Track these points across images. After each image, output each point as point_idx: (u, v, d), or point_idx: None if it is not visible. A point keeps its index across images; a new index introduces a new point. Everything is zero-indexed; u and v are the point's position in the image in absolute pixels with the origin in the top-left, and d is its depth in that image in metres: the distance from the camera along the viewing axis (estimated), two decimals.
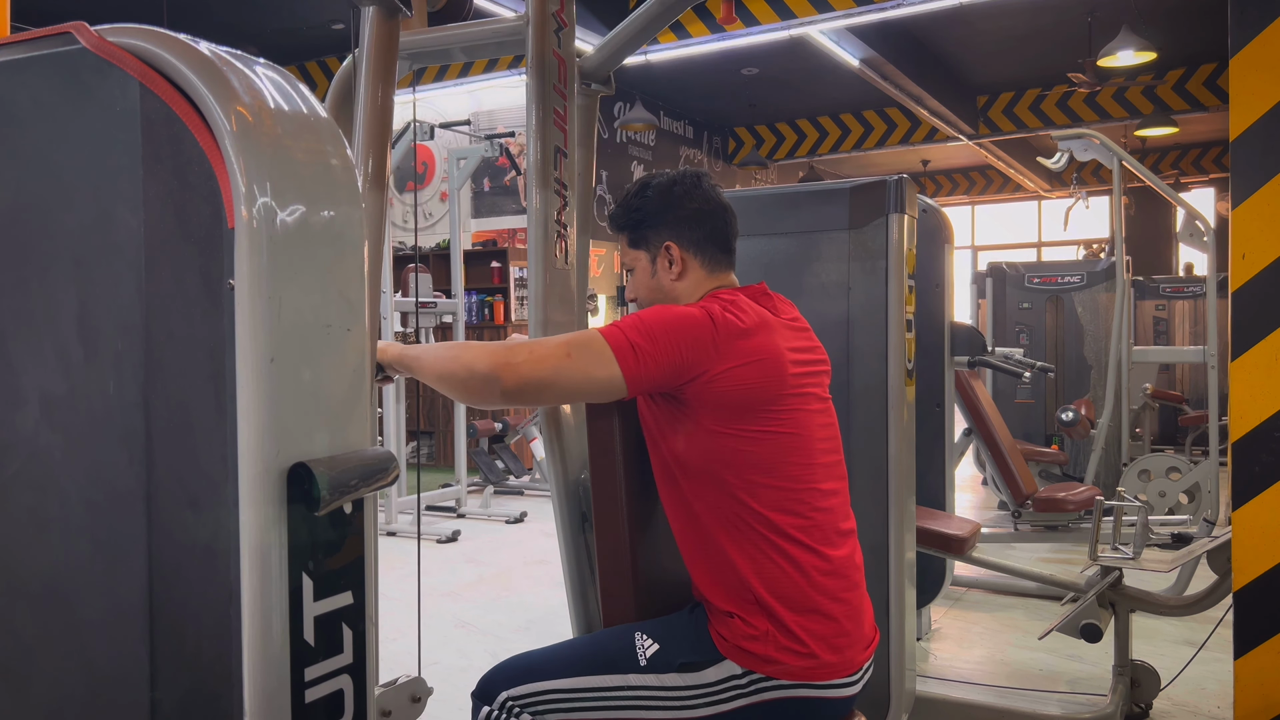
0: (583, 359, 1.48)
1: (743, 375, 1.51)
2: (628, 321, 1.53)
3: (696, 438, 1.54)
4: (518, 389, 1.46)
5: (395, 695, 1.23)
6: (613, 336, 1.49)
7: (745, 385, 1.51)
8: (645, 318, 1.53)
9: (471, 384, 1.48)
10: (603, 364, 1.47)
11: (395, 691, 1.23)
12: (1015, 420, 6.27)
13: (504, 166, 8.41)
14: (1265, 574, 2.31)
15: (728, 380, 1.50)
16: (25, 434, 1.03)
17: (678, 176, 1.72)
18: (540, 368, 1.46)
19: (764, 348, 1.54)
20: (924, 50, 9.14)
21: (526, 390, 1.47)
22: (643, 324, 1.51)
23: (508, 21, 1.82)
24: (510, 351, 1.47)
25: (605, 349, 1.48)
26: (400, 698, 1.24)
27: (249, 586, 0.90)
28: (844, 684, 1.54)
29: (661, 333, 1.50)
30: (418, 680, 1.26)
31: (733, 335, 1.52)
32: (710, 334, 1.51)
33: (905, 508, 2.46)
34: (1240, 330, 2.33)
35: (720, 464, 1.53)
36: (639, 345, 1.48)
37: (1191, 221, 4.95)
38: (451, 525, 5.79)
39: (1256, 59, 2.28)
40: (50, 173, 1.01)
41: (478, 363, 1.47)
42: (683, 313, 1.54)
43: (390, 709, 1.21)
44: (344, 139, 1.00)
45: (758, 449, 1.53)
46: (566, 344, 1.50)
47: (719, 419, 1.52)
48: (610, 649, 1.59)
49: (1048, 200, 15.42)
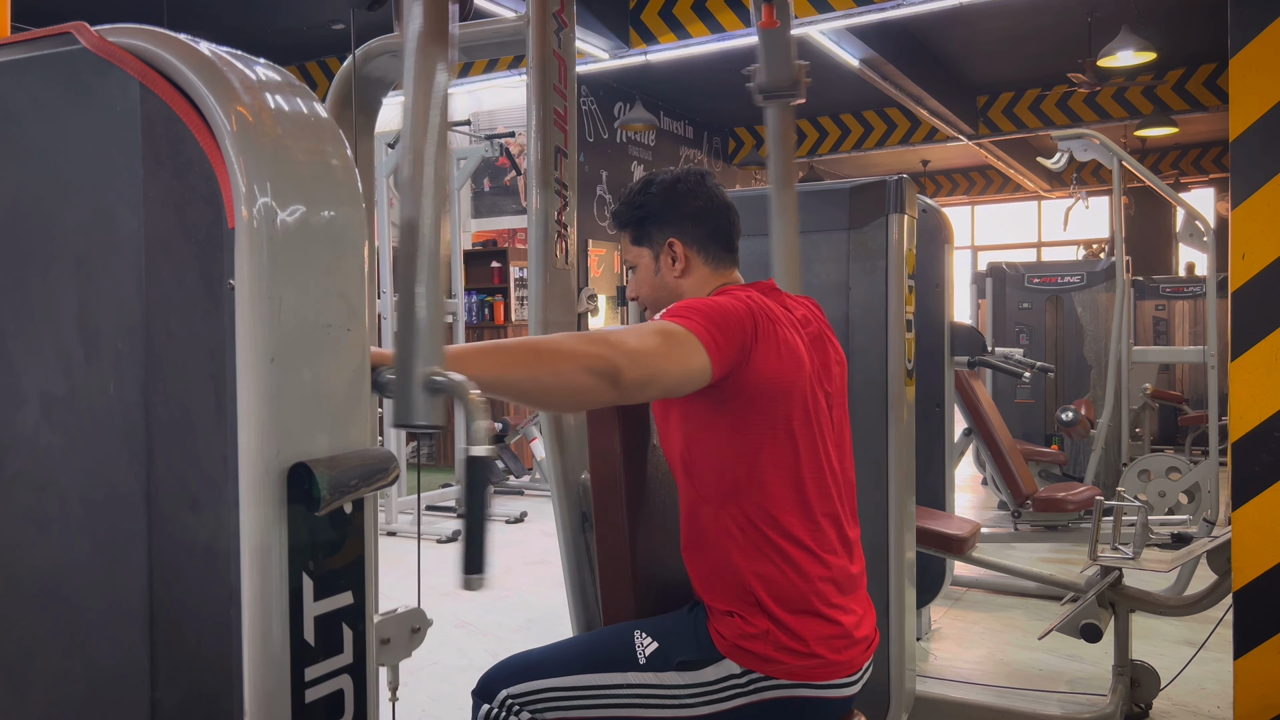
0: (679, 350, 1.41)
1: (773, 363, 1.50)
2: (679, 312, 1.47)
3: (709, 435, 1.53)
4: (639, 383, 1.35)
5: (394, 624, 1.23)
6: (690, 325, 1.43)
7: (773, 374, 1.50)
8: (693, 306, 1.48)
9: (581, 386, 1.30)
10: (696, 353, 1.42)
11: (394, 620, 1.24)
12: (1015, 420, 6.27)
13: (504, 166, 8.41)
14: (1265, 574, 2.31)
15: (761, 367, 1.49)
16: (25, 434, 1.03)
17: (681, 174, 1.72)
18: (652, 362, 1.37)
19: (787, 339, 1.54)
20: (924, 50, 9.14)
21: (647, 384, 1.37)
22: (695, 312, 1.46)
23: (508, 21, 1.82)
24: (607, 344, 1.33)
25: (691, 338, 1.42)
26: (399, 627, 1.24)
27: (249, 586, 0.90)
28: (843, 684, 1.54)
29: (718, 318, 1.46)
30: (417, 611, 1.27)
31: (769, 320, 1.51)
32: (751, 317, 1.49)
33: (905, 508, 2.46)
34: (1240, 330, 2.33)
35: (727, 461, 1.52)
36: (711, 331, 1.44)
37: (1191, 221, 4.95)
38: (451, 525, 5.79)
39: (1256, 59, 2.28)
40: (50, 173, 1.01)
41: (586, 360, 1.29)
42: (717, 300, 1.51)
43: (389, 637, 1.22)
44: (344, 139, 1.00)
45: (766, 446, 1.52)
46: (659, 334, 1.41)
47: (739, 409, 1.50)
48: (610, 647, 1.59)
49: (1048, 200, 15.42)
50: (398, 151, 4.98)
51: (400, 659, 1.25)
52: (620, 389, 1.32)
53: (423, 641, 1.27)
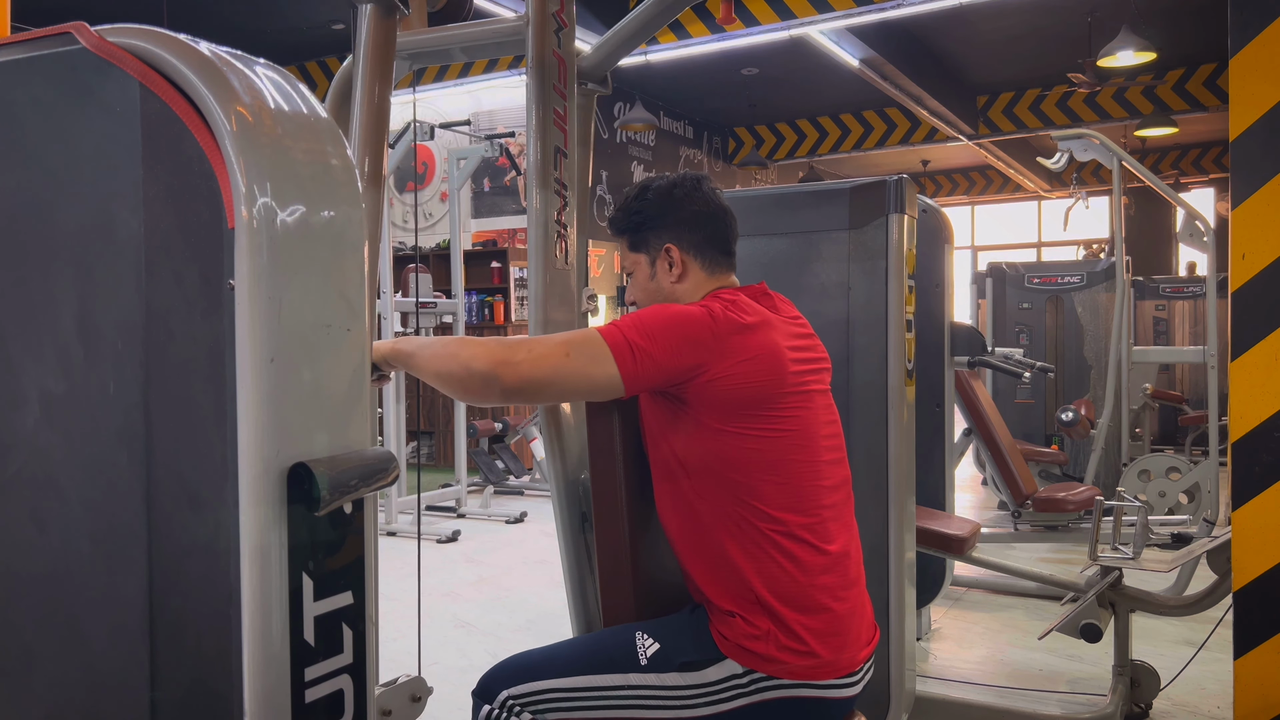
0: (581, 358, 1.48)
1: (744, 373, 1.51)
2: (627, 320, 1.53)
3: (699, 436, 1.53)
4: (517, 388, 1.46)
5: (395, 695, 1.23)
6: (611, 336, 1.49)
7: (746, 383, 1.51)
8: (645, 317, 1.53)
9: (470, 382, 1.47)
10: (600, 364, 1.47)
11: (395, 691, 1.24)
12: (1015, 420, 6.27)
13: (504, 166, 8.41)
14: (1265, 574, 2.31)
15: (729, 379, 1.50)
16: (25, 434, 1.03)
17: (678, 179, 1.72)
18: (539, 367, 1.46)
19: (764, 345, 1.54)
20: (924, 50, 9.14)
21: (526, 389, 1.47)
22: (642, 323, 1.51)
23: (508, 21, 1.82)
24: (509, 350, 1.47)
25: (603, 348, 1.48)
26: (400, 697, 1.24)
27: (249, 586, 0.90)
28: (845, 683, 1.54)
29: (661, 331, 1.50)
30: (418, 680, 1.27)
31: (733, 331, 1.52)
32: (710, 331, 1.51)
33: (905, 508, 2.46)
34: (1240, 330, 2.33)
35: (723, 462, 1.53)
36: (637, 345, 1.48)
37: (1191, 221, 4.95)
38: (451, 525, 5.79)
39: (1256, 59, 2.28)
40: (50, 173, 1.01)
41: (476, 361, 1.46)
42: (682, 311, 1.54)
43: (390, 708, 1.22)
44: (344, 139, 1.00)
45: (761, 446, 1.53)
46: (566, 343, 1.49)
47: (721, 417, 1.52)
48: (611, 648, 1.59)
49: (1048, 200, 15.42)
50: (407, 150, 4.97)
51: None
52: (501, 390, 1.46)
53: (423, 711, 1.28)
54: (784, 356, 1.56)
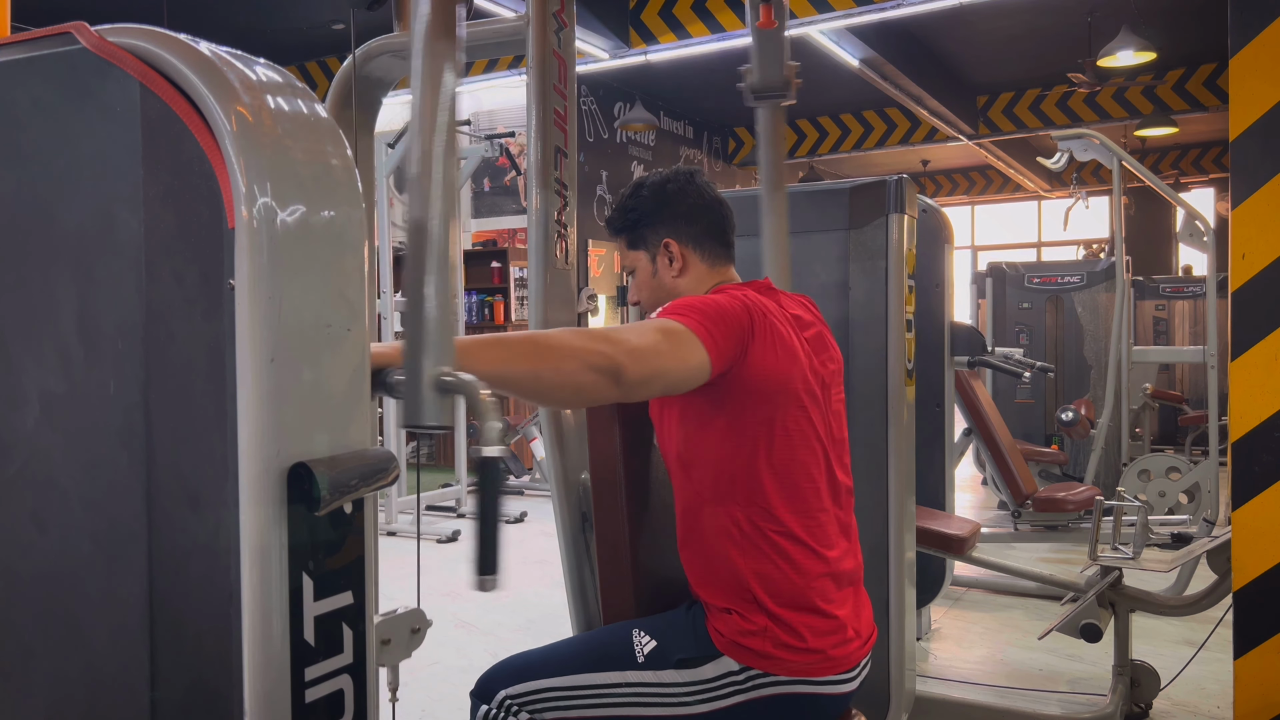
0: (679, 347, 1.41)
1: (769, 362, 1.50)
2: (676, 310, 1.47)
3: (706, 433, 1.53)
4: (642, 380, 1.34)
5: (394, 625, 1.24)
6: (687, 322, 1.43)
7: (775, 368, 1.51)
8: (690, 304, 1.48)
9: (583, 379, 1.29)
10: (695, 350, 1.42)
11: (394, 621, 1.24)
12: (1015, 420, 6.27)
13: (504, 166, 8.41)
14: (1265, 574, 2.31)
15: (758, 364, 1.49)
16: (25, 434, 1.03)
17: (670, 174, 1.72)
18: (652, 358, 1.36)
19: (784, 336, 1.54)
20: (924, 50, 9.14)
21: (646, 382, 1.36)
22: (693, 309, 1.46)
23: (508, 21, 1.82)
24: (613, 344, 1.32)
25: (690, 334, 1.42)
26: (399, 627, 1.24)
27: (249, 586, 0.90)
28: (842, 680, 1.54)
29: (713, 314, 1.46)
30: (417, 611, 1.27)
31: (765, 314, 1.52)
32: (748, 315, 1.50)
33: (905, 508, 2.46)
34: (1240, 330, 2.34)
35: (729, 460, 1.52)
36: (709, 328, 1.44)
37: (1191, 221, 4.96)
38: (451, 525, 5.79)
39: (1256, 59, 2.28)
40: (50, 173, 1.01)
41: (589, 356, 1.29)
42: (713, 299, 1.51)
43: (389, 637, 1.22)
44: (344, 139, 1.00)
45: (768, 442, 1.52)
46: (660, 332, 1.41)
47: (736, 406, 1.51)
48: (608, 646, 1.60)
49: (1048, 200, 15.42)
50: (404, 150, 4.96)
51: (400, 659, 1.25)
52: (622, 386, 1.32)
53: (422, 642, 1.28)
54: (799, 352, 1.56)
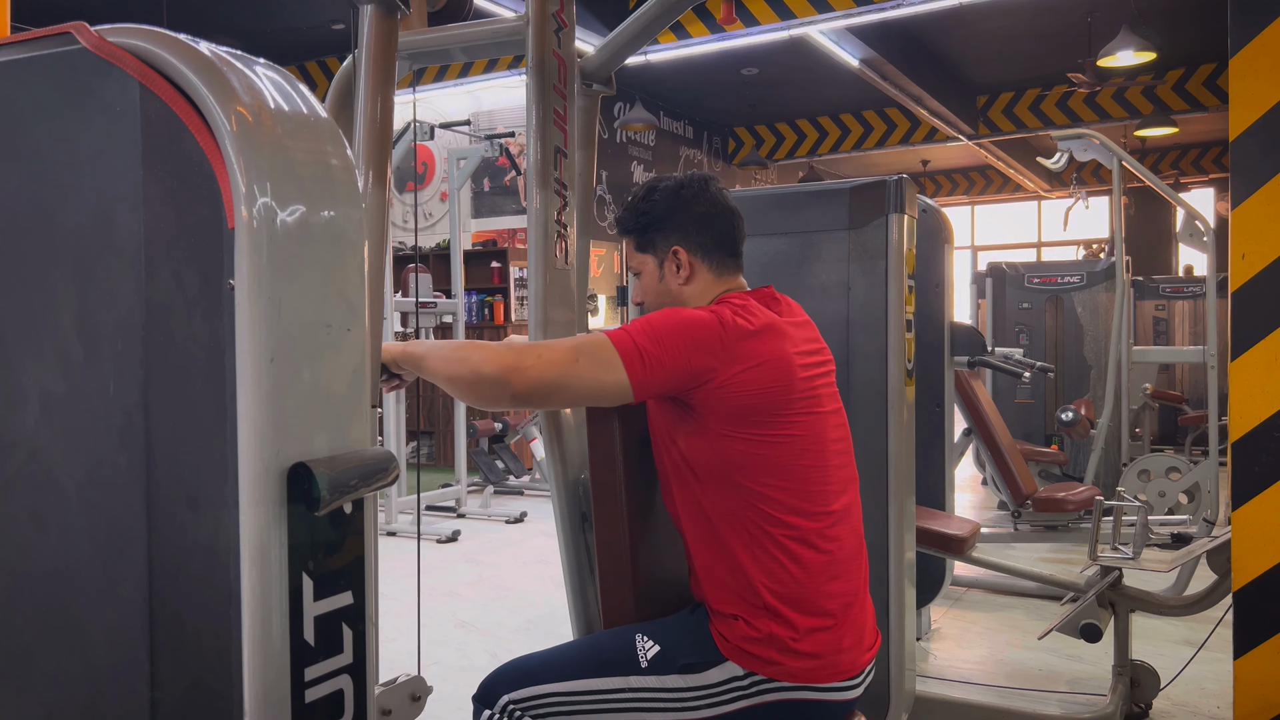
0: (590, 364, 1.47)
1: (751, 380, 1.50)
2: (636, 325, 1.51)
3: (708, 441, 1.53)
4: (526, 392, 1.46)
5: (395, 694, 1.23)
6: (620, 341, 1.48)
7: (754, 390, 1.50)
8: (654, 321, 1.52)
9: (480, 386, 1.46)
10: (610, 369, 1.46)
11: (395, 690, 1.24)
12: (1015, 420, 6.27)
13: (504, 166, 8.41)
14: (1265, 574, 2.31)
15: (737, 385, 1.50)
16: (25, 434, 1.03)
17: (685, 180, 1.71)
18: (548, 372, 1.45)
19: (773, 352, 1.53)
20: (924, 50, 9.14)
21: (535, 394, 1.47)
22: (651, 328, 1.50)
23: (508, 21, 1.82)
24: (518, 355, 1.46)
25: (613, 354, 1.47)
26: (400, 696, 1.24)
27: (249, 586, 0.90)
28: (846, 686, 1.54)
29: (670, 337, 1.49)
30: (417, 679, 1.27)
31: (741, 338, 1.51)
32: (719, 337, 1.50)
33: (905, 508, 2.46)
34: (1240, 330, 2.33)
35: (732, 466, 1.52)
36: (646, 350, 1.47)
37: (1191, 221, 4.96)
38: (451, 525, 5.79)
39: (1256, 59, 2.28)
40: (50, 173, 1.01)
41: (485, 365, 1.45)
42: (692, 316, 1.53)
43: (390, 708, 1.22)
44: (344, 139, 1.00)
45: (770, 452, 1.52)
46: (575, 348, 1.48)
47: (729, 423, 1.51)
48: (611, 651, 1.59)
49: (1048, 200, 15.42)
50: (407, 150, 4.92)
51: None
52: (511, 395, 1.45)
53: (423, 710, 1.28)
54: (793, 363, 1.55)
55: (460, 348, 1.51)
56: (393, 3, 1.41)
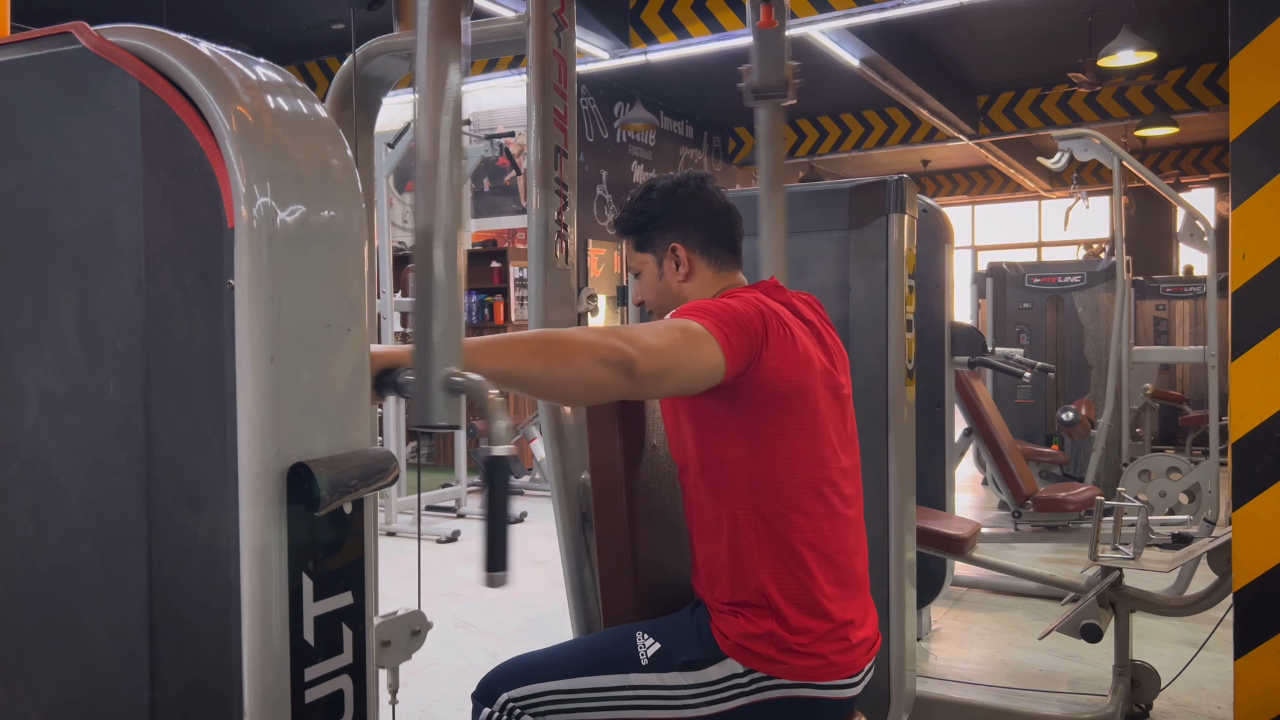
0: (694, 345, 1.42)
1: (788, 362, 1.51)
2: (691, 311, 1.48)
3: (722, 433, 1.53)
4: (654, 375, 1.34)
5: (395, 626, 1.24)
6: (704, 322, 1.44)
7: (789, 372, 1.51)
8: (703, 307, 1.48)
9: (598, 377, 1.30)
10: (710, 349, 1.43)
11: (395, 623, 1.24)
12: (1015, 420, 6.27)
13: (504, 166, 8.41)
14: (1265, 574, 2.31)
15: (776, 367, 1.49)
16: (25, 434, 1.03)
17: (682, 178, 1.72)
18: (668, 353, 1.37)
19: (798, 338, 1.54)
20: (924, 50, 9.14)
21: (655, 375, 1.35)
22: (708, 313, 1.46)
23: (508, 21, 1.82)
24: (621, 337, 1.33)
25: (706, 334, 1.43)
26: (400, 629, 1.24)
27: (249, 586, 0.90)
28: (846, 685, 1.54)
29: (729, 318, 1.47)
30: (417, 613, 1.27)
31: (776, 320, 1.52)
32: (761, 319, 1.50)
33: (905, 508, 2.46)
34: (1240, 330, 2.33)
35: (744, 460, 1.52)
36: (724, 329, 1.44)
37: (1191, 221, 4.96)
38: (451, 525, 5.79)
39: (1256, 59, 2.28)
40: (50, 173, 1.01)
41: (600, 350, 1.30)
42: (725, 303, 1.52)
43: (389, 639, 1.22)
44: (344, 139, 1.00)
45: (783, 444, 1.52)
46: (675, 329, 1.42)
47: (757, 409, 1.51)
48: (611, 648, 1.59)
49: (1048, 200, 15.41)
50: (405, 151, 4.94)
51: (401, 661, 1.25)
52: (635, 381, 1.32)
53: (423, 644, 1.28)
54: (812, 353, 1.56)
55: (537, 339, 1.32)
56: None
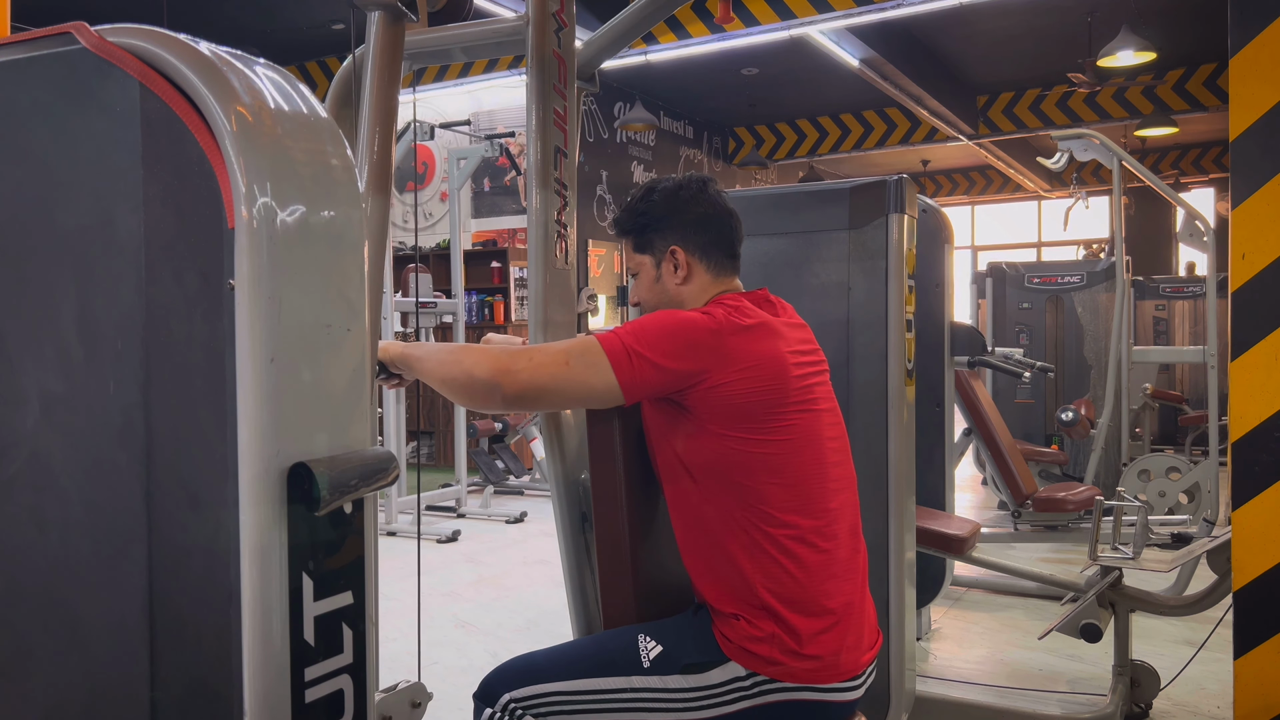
0: (580, 367, 1.49)
1: (746, 381, 1.51)
2: (627, 328, 1.53)
3: (704, 441, 1.53)
4: (518, 395, 1.48)
5: (395, 700, 1.23)
6: (609, 344, 1.50)
7: (750, 390, 1.51)
8: (646, 324, 1.53)
9: (473, 389, 1.50)
10: (599, 373, 1.48)
11: (395, 696, 1.23)
12: (1015, 420, 6.27)
13: (504, 166, 8.41)
14: (1265, 574, 2.31)
15: (731, 387, 1.50)
16: (25, 434, 1.03)
17: (684, 181, 1.72)
18: (539, 375, 1.48)
19: (767, 352, 1.54)
20: (924, 50, 9.14)
21: (526, 397, 1.50)
22: (641, 331, 1.51)
23: (508, 21, 1.82)
24: (511, 358, 1.49)
25: (602, 357, 1.49)
26: (400, 703, 1.24)
27: (249, 586, 0.90)
28: (847, 687, 1.54)
29: (661, 339, 1.50)
30: (417, 685, 1.26)
31: (735, 333, 1.52)
32: (713, 339, 1.51)
33: (905, 508, 2.46)
34: (1240, 330, 2.33)
35: (727, 466, 1.52)
36: (636, 352, 1.49)
37: (1191, 221, 4.96)
38: (451, 525, 5.79)
39: (1256, 59, 2.28)
40: (50, 173, 1.01)
41: (478, 368, 1.48)
42: (683, 317, 1.54)
43: (390, 714, 1.21)
44: (344, 139, 1.00)
45: (765, 451, 1.52)
46: (565, 352, 1.51)
47: (724, 423, 1.52)
48: (613, 650, 1.59)
49: (1048, 200, 15.42)
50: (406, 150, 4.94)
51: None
52: (502, 398, 1.48)
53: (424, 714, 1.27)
54: (787, 363, 1.55)
55: (455, 351, 1.54)
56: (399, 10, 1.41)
